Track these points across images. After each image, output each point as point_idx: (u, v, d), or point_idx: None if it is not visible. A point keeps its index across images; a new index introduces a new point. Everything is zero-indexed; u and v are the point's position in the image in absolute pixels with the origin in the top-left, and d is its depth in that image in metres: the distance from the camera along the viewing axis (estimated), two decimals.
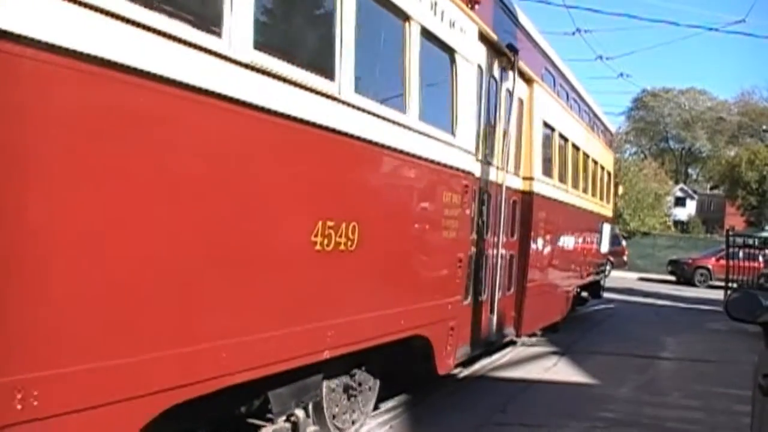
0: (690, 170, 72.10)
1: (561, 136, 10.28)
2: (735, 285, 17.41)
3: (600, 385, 8.06)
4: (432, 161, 5.39)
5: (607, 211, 15.55)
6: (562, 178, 10.49)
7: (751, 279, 17.46)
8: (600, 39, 51.20)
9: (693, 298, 21.05)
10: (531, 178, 8.66)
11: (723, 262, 20.93)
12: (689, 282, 27.36)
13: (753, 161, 48.00)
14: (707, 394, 8.03)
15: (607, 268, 28.52)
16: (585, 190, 12.49)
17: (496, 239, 7.50)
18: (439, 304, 5.76)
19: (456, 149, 5.84)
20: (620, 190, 20.39)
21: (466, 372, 8.08)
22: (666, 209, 45.92)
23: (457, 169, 5.89)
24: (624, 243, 30.26)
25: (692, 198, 62.06)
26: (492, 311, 7.49)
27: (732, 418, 6.67)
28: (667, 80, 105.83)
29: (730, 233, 20.01)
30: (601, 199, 14.54)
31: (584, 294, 14.27)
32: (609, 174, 15.79)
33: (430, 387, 6.85)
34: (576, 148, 11.43)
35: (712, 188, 64.20)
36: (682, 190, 60.50)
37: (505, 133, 7.72)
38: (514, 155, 8.29)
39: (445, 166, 5.63)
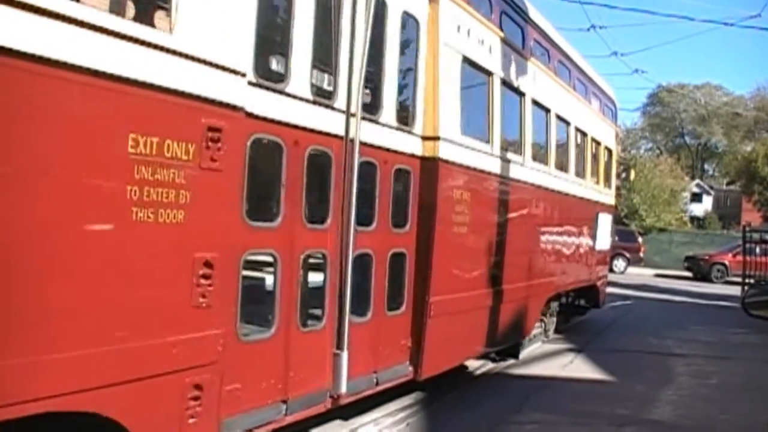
0: (706, 166, 70.65)
1: (508, 86, 7.02)
2: (752, 281, 17.10)
3: (617, 383, 7.79)
4: (76, 68, 2.65)
5: (606, 197, 11.74)
6: (514, 148, 7.40)
7: None
8: (615, 35, 50.50)
9: (710, 294, 19.98)
10: (436, 138, 5.59)
11: (740, 257, 20.28)
12: (706, 278, 26.43)
13: None
14: (725, 391, 7.75)
15: (623, 264, 28.65)
16: (564, 169, 9.15)
17: (343, 229, 4.40)
18: (144, 346, 2.99)
19: (178, 57, 3.10)
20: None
21: (482, 370, 7.85)
22: (682, 205, 45.09)
23: (183, 95, 3.12)
24: (640, 239, 30.03)
25: (708, 194, 60.77)
26: (341, 346, 4.35)
27: (751, 415, 6.61)
28: (683, 76, 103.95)
29: (747, 229, 19.60)
30: (596, 182, 10.98)
31: (581, 302, 11.47)
32: (609, 152, 11.83)
33: (446, 386, 6.63)
34: (543, 109, 8.23)
35: (728, 184, 63.17)
36: (698, 185, 59.26)
37: (368, 62, 4.54)
38: (396, 100, 5.33)
39: (135, 84, 2.89)
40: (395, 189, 5.35)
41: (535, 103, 7.88)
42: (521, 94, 7.49)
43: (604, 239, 11.58)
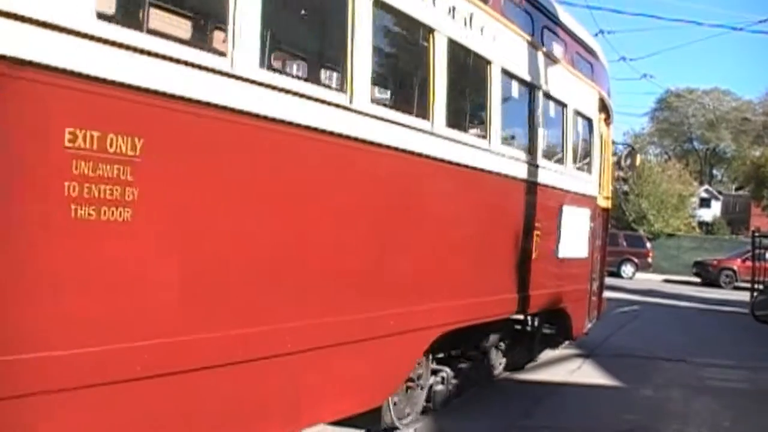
0: (715, 171, 70.30)
1: None
2: (761, 286, 17.05)
3: (625, 389, 7.79)
4: None
5: (582, 184, 7.85)
6: (339, 83, 4.61)
7: None
8: (623, 40, 50.29)
9: (718, 300, 20.07)
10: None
11: (749, 263, 20.31)
12: (714, 283, 26.33)
13: None
14: (734, 399, 7.68)
15: (631, 270, 28.50)
16: (481, 133, 5.84)
17: None
18: None
19: None
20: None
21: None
22: (691, 210, 45.00)
23: None
24: (649, 245, 29.97)
25: (717, 199, 60.50)
26: None
27: (760, 422, 6.59)
28: (691, 80, 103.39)
29: (756, 234, 19.49)
30: (559, 161, 7.20)
31: (548, 328, 8.04)
32: (588, 122, 7.99)
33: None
34: (425, 29, 4.77)
35: (737, 189, 62.96)
36: (706, 191, 58.98)
37: None
38: None
39: None
40: None
41: (389, 9, 4.46)
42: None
43: (576, 243, 7.77)
